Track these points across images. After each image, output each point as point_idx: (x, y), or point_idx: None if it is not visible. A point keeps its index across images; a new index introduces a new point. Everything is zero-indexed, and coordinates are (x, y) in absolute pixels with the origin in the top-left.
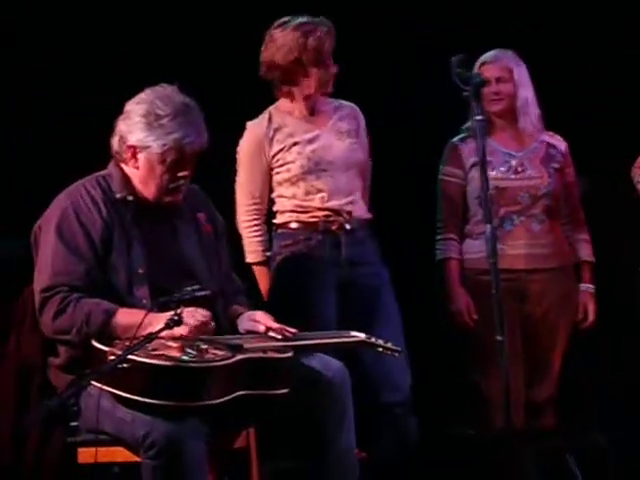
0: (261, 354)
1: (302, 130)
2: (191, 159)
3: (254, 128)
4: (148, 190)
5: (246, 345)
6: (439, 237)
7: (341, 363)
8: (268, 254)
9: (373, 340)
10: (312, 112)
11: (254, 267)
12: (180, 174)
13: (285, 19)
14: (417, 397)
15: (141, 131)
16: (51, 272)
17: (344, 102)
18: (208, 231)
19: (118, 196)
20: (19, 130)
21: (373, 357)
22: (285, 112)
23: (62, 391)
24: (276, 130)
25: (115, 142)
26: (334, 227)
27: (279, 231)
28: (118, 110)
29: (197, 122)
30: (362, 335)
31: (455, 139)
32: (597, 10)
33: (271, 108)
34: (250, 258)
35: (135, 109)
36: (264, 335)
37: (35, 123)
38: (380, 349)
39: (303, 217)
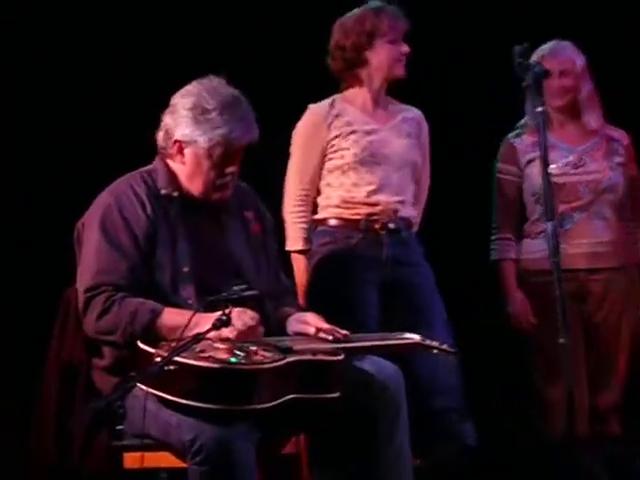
0: (311, 356)
1: (362, 121)
2: (239, 154)
3: (314, 110)
4: (195, 186)
5: (296, 347)
6: (494, 237)
7: (395, 366)
8: (308, 246)
9: (428, 342)
10: (376, 107)
11: (293, 255)
12: (228, 170)
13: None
14: (475, 403)
15: (187, 126)
16: (95, 271)
17: (411, 107)
18: (256, 230)
19: (163, 192)
20: (55, 128)
21: (422, 359)
22: (349, 102)
23: (108, 393)
24: (336, 116)
25: (160, 137)
26: (377, 226)
27: (318, 229)
28: (163, 104)
29: (246, 116)
30: (417, 337)
31: (510, 135)
32: None
33: (337, 95)
34: (290, 245)
35: (181, 102)
36: (314, 337)
37: (73, 121)
38: (435, 351)
39: (345, 213)
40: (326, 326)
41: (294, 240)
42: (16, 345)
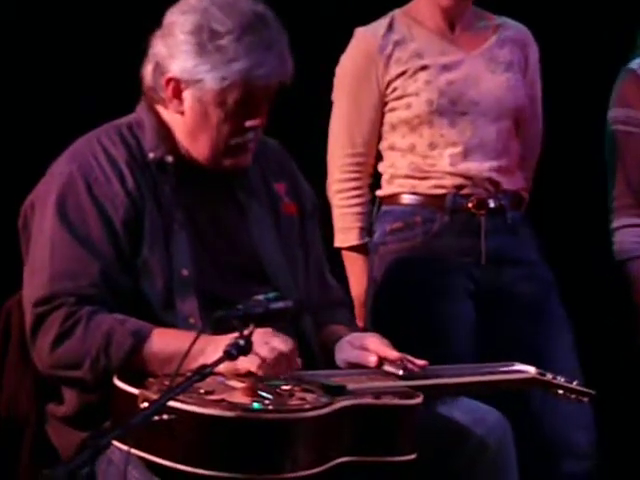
0: (373, 400)
1: (437, 50)
2: (265, 100)
3: (365, 37)
4: (198, 147)
5: (351, 385)
6: (615, 224)
7: (499, 413)
8: (367, 239)
9: (550, 378)
10: (455, 25)
11: (345, 254)
12: (248, 123)
13: None
14: (611, 467)
15: (189, 57)
16: (50, 274)
17: (510, 21)
18: (291, 211)
19: (151, 156)
20: None
21: (540, 403)
22: (415, 20)
23: (70, 456)
24: (397, 44)
25: (148, 72)
26: (470, 204)
27: (384, 208)
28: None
29: (275, 43)
30: (532, 369)
31: (634, 64)
32: None
33: (397, 11)
34: (340, 240)
35: (180, 22)
36: (376, 370)
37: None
38: (561, 391)
39: (422, 186)
40: (394, 354)
41: (346, 232)
42: None
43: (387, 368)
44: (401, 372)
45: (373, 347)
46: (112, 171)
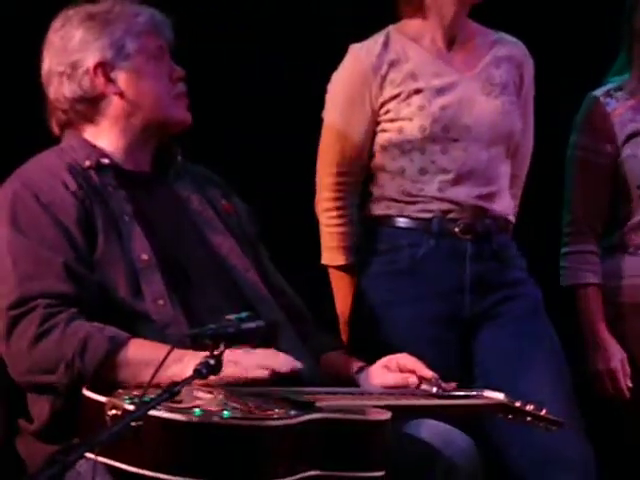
0: (342, 415)
1: (431, 71)
2: (169, 53)
3: (360, 55)
4: (147, 109)
5: (320, 403)
6: (568, 249)
7: (466, 435)
8: (353, 259)
9: (519, 405)
10: (452, 44)
11: (331, 271)
12: (175, 75)
13: None
14: None
15: (96, 39)
16: (16, 279)
17: (507, 37)
18: (228, 209)
19: (87, 164)
20: None
21: (510, 432)
22: (410, 38)
23: (37, 470)
24: (392, 64)
25: (59, 91)
26: (457, 229)
27: (371, 229)
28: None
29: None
30: (500, 396)
31: (598, 92)
32: None
33: (391, 28)
34: (327, 258)
35: (66, 27)
36: (414, 389)
37: None
38: (529, 418)
39: (409, 210)
40: (429, 373)
41: (332, 251)
42: None
43: (424, 387)
44: (435, 390)
45: (411, 366)
46: (54, 180)
